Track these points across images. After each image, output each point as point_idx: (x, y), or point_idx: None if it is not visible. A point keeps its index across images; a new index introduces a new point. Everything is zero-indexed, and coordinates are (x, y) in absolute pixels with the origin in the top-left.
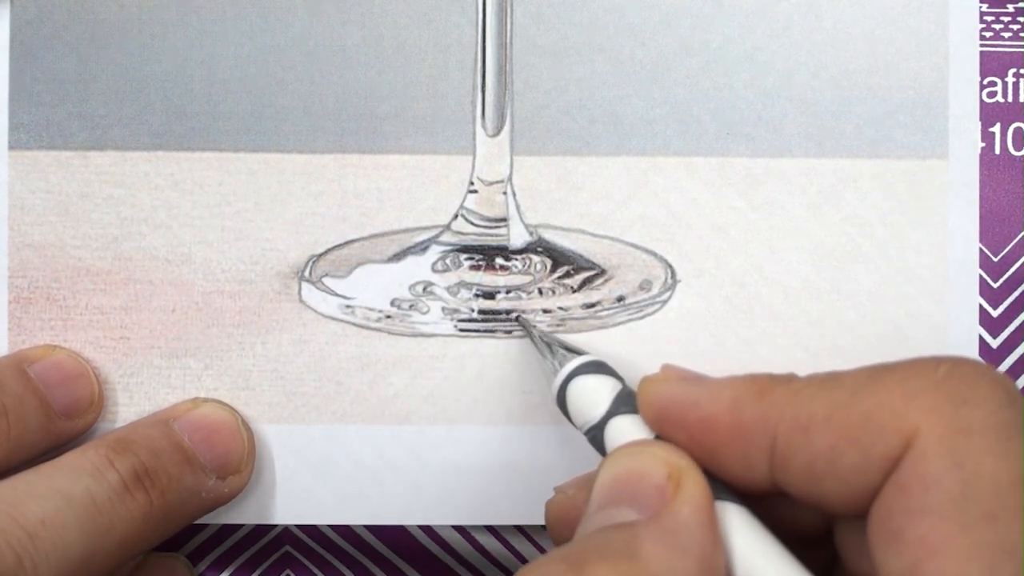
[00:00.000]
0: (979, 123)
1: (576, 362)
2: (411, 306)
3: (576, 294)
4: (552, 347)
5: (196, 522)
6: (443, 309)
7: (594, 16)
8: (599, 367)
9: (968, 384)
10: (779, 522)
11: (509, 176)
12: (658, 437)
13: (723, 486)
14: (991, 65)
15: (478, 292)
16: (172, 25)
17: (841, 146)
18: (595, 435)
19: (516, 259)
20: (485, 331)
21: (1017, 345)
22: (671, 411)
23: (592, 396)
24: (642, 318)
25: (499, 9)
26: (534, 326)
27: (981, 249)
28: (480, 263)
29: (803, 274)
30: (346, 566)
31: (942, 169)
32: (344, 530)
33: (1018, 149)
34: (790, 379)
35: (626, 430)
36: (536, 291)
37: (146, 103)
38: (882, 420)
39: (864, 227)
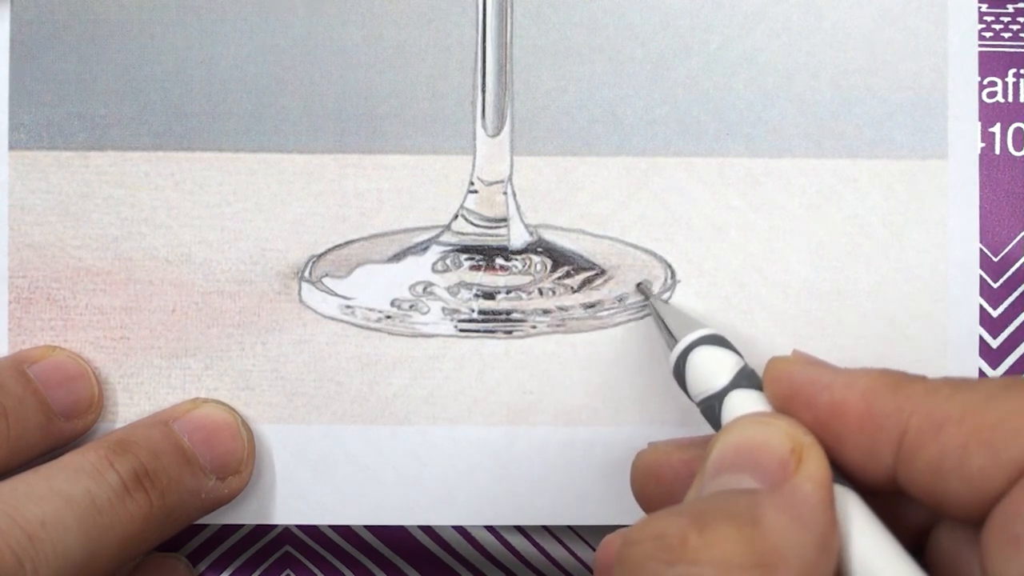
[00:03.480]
0: (979, 123)
1: (698, 333)
2: (411, 306)
3: (576, 294)
4: (671, 316)
5: (196, 522)
6: (443, 309)
7: (594, 16)
8: (721, 341)
9: None
10: (881, 520)
11: (509, 176)
12: None
13: (840, 472)
14: (991, 65)
15: (478, 292)
16: (172, 25)
17: (841, 146)
18: (711, 405)
19: (516, 259)
20: (485, 331)
21: (1017, 345)
22: (800, 391)
23: (714, 366)
24: (642, 318)
25: (499, 9)
26: (652, 293)
27: (981, 249)
28: (480, 263)
29: (803, 274)
30: (346, 566)
31: (942, 169)
32: (344, 530)
33: (1018, 149)
34: (924, 378)
35: (746, 404)
36: (536, 291)
37: (146, 103)
38: (1016, 425)
39: (864, 227)
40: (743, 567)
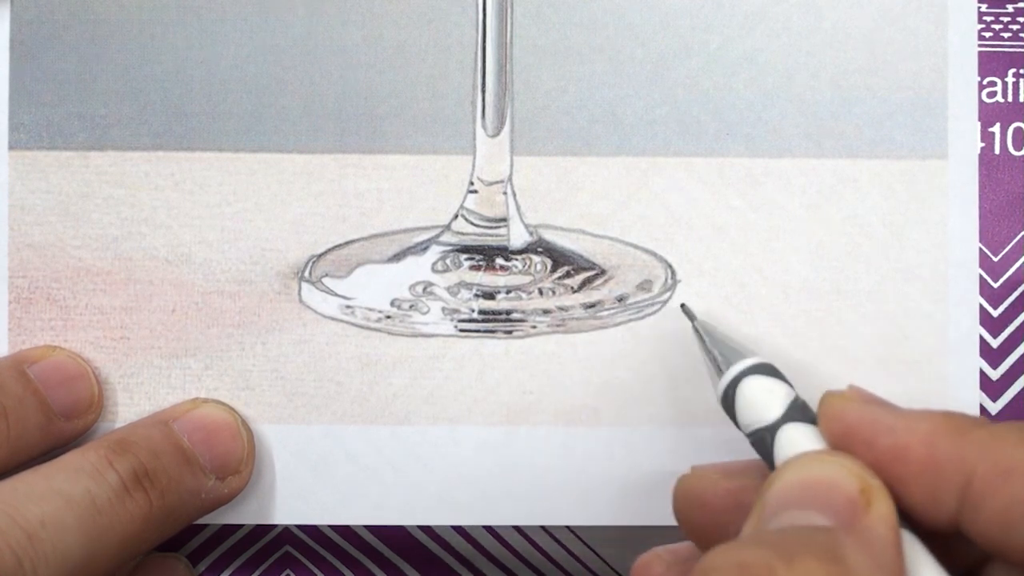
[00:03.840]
0: (979, 123)
1: (748, 362)
2: (411, 306)
3: (576, 294)
4: (719, 343)
5: (196, 522)
6: (443, 309)
7: (594, 16)
8: (771, 370)
9: None
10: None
11: (509, 176)
12: None
13: (901, 515)
14: (991, 65)
15: (478, 292)
16: (172, 25)
17: (841, 146)
18: (762, 437)
19: (516, 259)
20: (485, 331)
21: (1017, 345)
22: (859, 431)
23: (765, 398)
24: (642, 318)
25: (499, 9)
26: (696, 317)
27: (981, 249)
28: (480, 263)
29: (803, 274)
30: (346, 566)
31: (942, 169)
32: (344, 530)
33: (1018, 149)
34: (988, 423)
35: (802, 440)
36: (536, 291)
37: (146, 103)
38: None
39: (864, 227)
40: None
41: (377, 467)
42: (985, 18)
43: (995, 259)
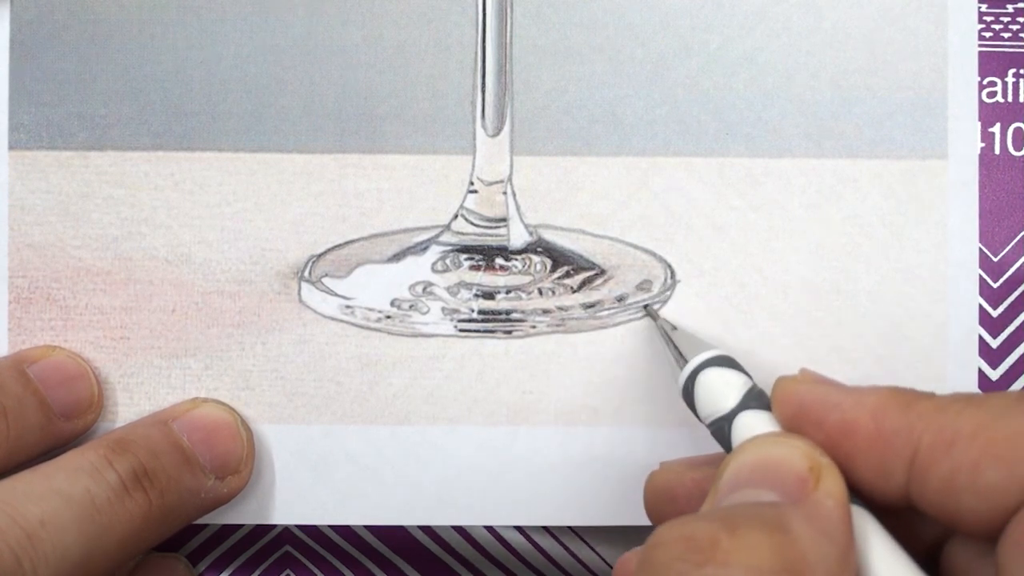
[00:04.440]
0: (979, 123)
1: (706, 355)
2: (411, 306)
3: (576, 294)
4: (679, 339)
5: (196, 522)
6: (443, 309)
7: (594, 16)
8: (729, 361)
9: None
10: (893, 535)
11: (509, 176)
12: None
13: (852, 491)
14: (991, 65)
15: (478, 292)
16: (172, 25)
17: (841, 146)
18: (721, 427)
19: (516, 259)
20: (485, 331)
21: (1017, 345)
22: (809, 411)
23: (723, 388)
24: (642, 318)
25: (499, 9)
26: (659, 316)
27: (981, 249)
28: (480, 263)
29: (803, 274)
30: (346, 566)
31: (942, 169)
32: (344, 530)
33: (1018, 149)
34: (933, 395)
35: (756, 425)
36: (536, 291)
37: (146, 103)
38: None
39: (864, 227)
40: (773, 571)
41: (377, 467)
42: (985, 18)
43: (995, 259)
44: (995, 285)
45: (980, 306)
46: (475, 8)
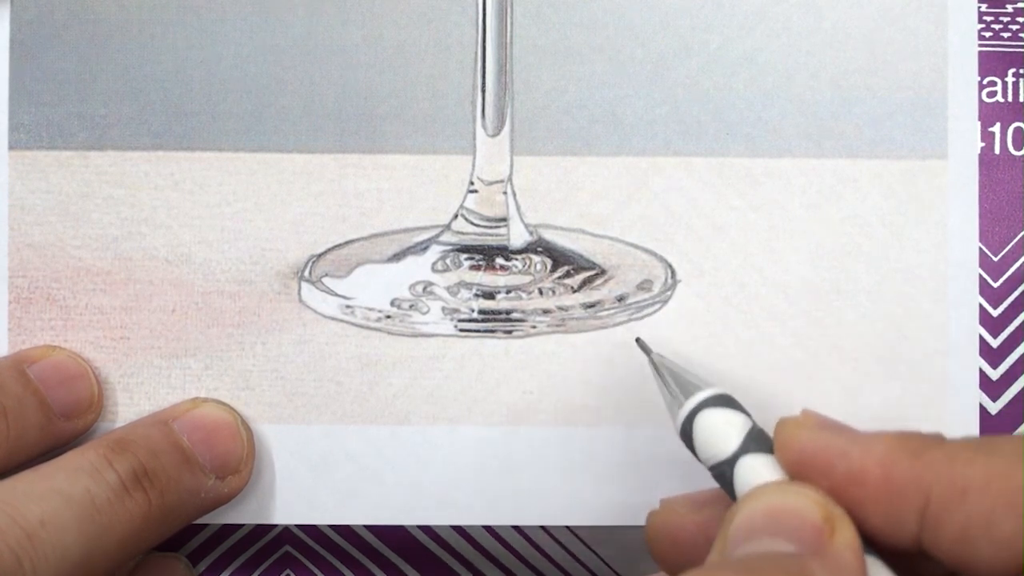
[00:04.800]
0: (978, 123)
1: (704, 394)
2: (411, 306)
3: (576, 294)
4: (677, 376)
5: (196, 522)
6: (443, 309)
7: (594, 16)
8: (728, 401)
9: None
10: None
11: (509, 176)
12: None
13: (863, 539)
14: (991, 65)
15: (478, 292)
16: (172, 25)
17: (841, 146)
18: (723, 471)
19: (516, 259)
20: (485, 331)
21: (1017, 345)
22: (815, 459)
23: (722, 430)
24: (642, 318)
25: (499, 9)
26: (652, 351)
27: (981, 249)
28: (480, 263)
29: (803, 274)
30: (346, 566)
31: (941, 169)
32: (344, 530)
33: (1018, 149)
34: (943, 441)
35: (760, 470)
36: (536, 291)
37: (146, 103)
38: None
39: (864, 227)
40: None
41: (377, 467)
42: (985, 18)
43: (995, 259)
44: (995, 285)
45: (980, 306)
46: (475, 8)
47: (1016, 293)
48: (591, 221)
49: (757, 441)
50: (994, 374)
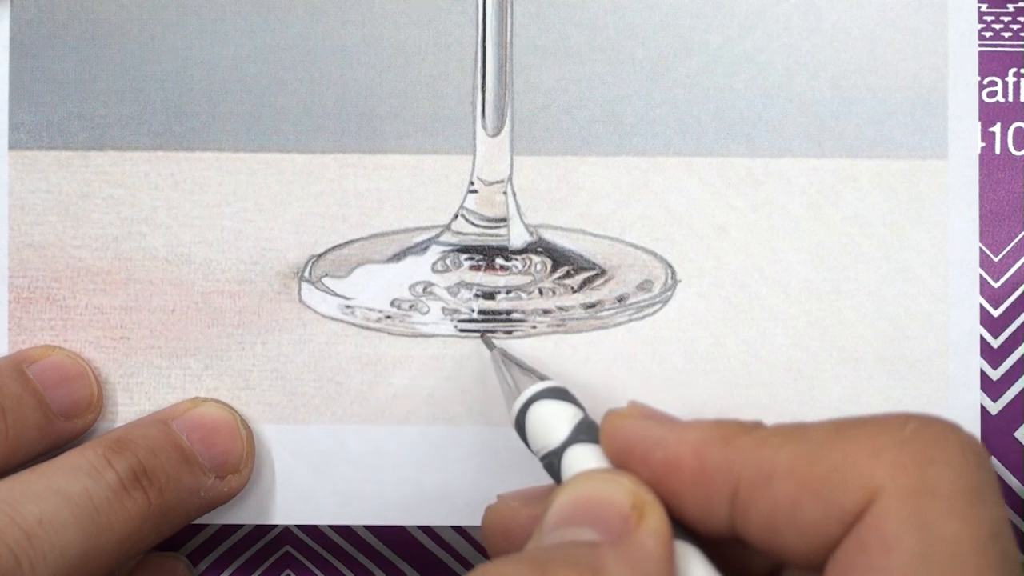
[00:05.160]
0: (979, 123)
1: (537, 387)
2: (411, 306)
3: (576, 294)
4: (512, 370)
5: (196, 522)
6: (443, 309)
7: (594, 16)
8: (560, 393)
9: (936, 444)
10: (727, 565)
11: (509, 176)
12: None
13: (680, 526)
14: (991, 65)
15: (478, 292)
16: (172, 25)
17: (841, 146)
18: (551, 461)
19: (516, 259)
20: (485, 331)
21: (1018, 345)
22: (634, 447)
23: (552, 422)
24: (642, 318)
25: (499, 9)
26: (495, 347)
27: (981, 249)
28: (480, 263)
29: (803, 274)
30: (346, 566)
31: (942, 169)
32: (344, 530)
33: (1018, 149)
34: (756, 427)
35: (584, 459)
36: (536, 291)
37: (146, 103)
38: (846, 475)
39: (864, 227)
40: None
41: (377, 467)
42: (985, 18)
43: (995, 259)
44: (996, 285)
45: (981, 306)
46: (475, 8)
47: (1016, 293)
48: (591, 221)
49: (586, 432)
50: (994, 374)
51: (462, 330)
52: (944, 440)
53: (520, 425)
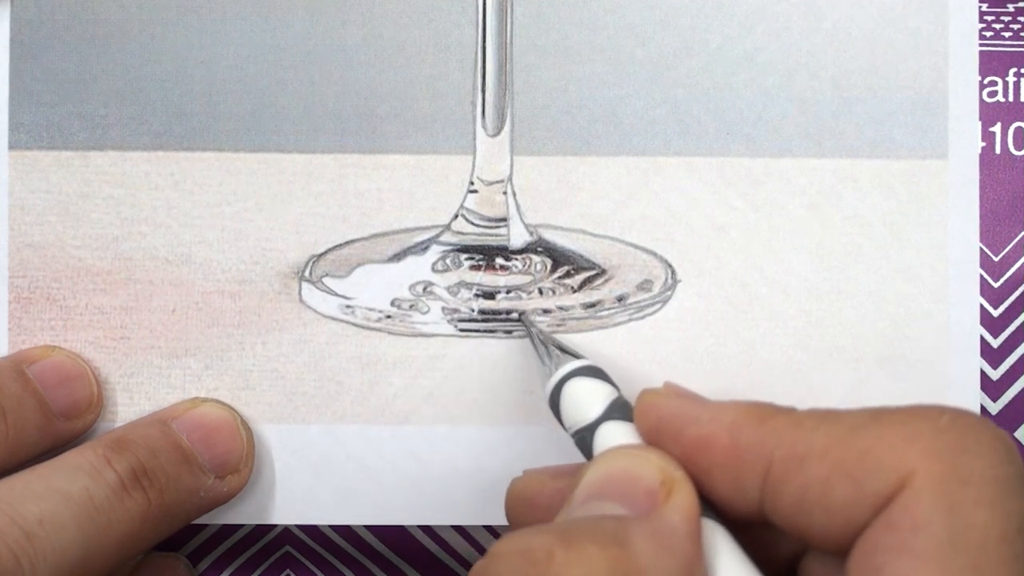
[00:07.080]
0: (979, 123)
1: (573, 364)
2: (411, 306)
3: (576, 294)
4: (550, 348)
5: (196, 522)
6: (443, 309)
7: (594, 16)
8: (596, 372)
9: (970, 434)
10: (752, 550)
11: (509, 176)
12: None
13: (708, 505)
14: (991, 65)
15: (478, 292)
16: (172, 25)
17: (841, 146)
18: (584, 437)
19: (516, 259)
20: (485, 331)
21: (1018, 345)
22: (668, 424)
23: (587, 399)
24: (642, 318)
25: (499, 9)
26: (534, 325)
27: (981, 249)
28: (480, 263)
29: (803, 274)
30: (346, 566)
31: (942, 169)
32: (344, 530)
33: (1018, 149)
34: (791, 410)
35: (617, 436)
36: (536, 291)
37: (146, 103)
38: (880, 457)
39: (864, 227)
40: None
41: (377, 467)
42: (986, 17)
43: (995, 259)
44: (996, 285)
45: (981, 306)
46: (475, 8)
47: (1017, 293)
48: (591, 221)
49: (620, 410)
50: (994, 374)
51: (462, 330)
52: (978, 431)
53: (555, 401)
